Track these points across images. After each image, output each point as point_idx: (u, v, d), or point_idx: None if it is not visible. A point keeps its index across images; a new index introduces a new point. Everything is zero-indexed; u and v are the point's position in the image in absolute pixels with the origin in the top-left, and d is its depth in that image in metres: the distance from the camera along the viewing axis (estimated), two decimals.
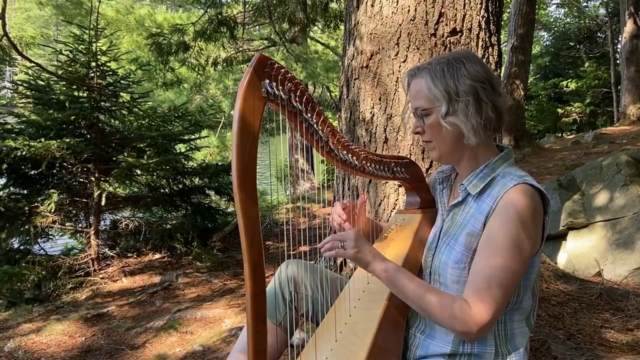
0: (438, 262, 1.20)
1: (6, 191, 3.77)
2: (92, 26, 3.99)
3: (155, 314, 2.81)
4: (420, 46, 2.09)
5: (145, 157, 3.84)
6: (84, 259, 3.78)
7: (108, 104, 4.11)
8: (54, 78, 4.04)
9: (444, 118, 1.13)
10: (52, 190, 3.65)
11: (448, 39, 2.09)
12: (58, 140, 3.50)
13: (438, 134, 1.18)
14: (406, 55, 2.11)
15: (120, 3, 13.17)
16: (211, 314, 2.67)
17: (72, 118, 3.76)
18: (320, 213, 5.93)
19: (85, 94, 3.94)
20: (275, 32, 7.76)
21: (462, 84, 1.11)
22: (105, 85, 4.04)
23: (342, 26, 3.62)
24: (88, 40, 3.96)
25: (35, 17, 24.50)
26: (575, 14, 18.04)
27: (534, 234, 1.07)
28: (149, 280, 3.64)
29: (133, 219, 4.35)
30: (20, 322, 2.75)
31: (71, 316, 2.78)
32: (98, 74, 3.97)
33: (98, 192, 3.72)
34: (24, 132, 3.73)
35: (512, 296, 1.13)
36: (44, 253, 4.05)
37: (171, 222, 4.49)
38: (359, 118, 2.26)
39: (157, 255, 4.25)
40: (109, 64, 4.11)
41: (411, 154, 2.10)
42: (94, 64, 3.96)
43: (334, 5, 7.27)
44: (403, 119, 1.31)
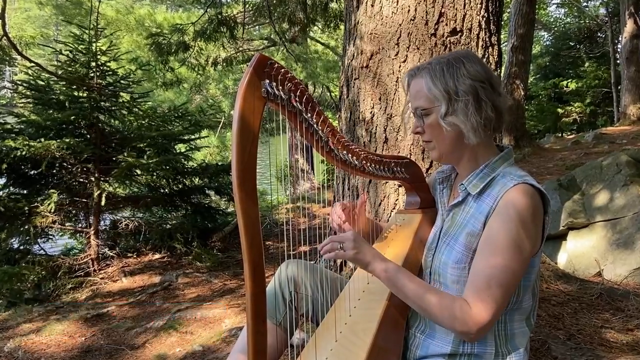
0: (438, 262, 1.20)
1: (6, 191, 3.77)
2: (92, 26, 3.99)
3: (155, 314, 2.81)
4: (421, 46, 2.09)
5: (145, 157, 3.84)
6: (83, 259, 3.78)
7: (108, 104, 4.11)
8: (53, 78, 4.04)
9: (443, 118, 1.13)
10: (52, 190, 3.65)
11: (448, 38, 2.09)
12: (58, 140, 3.50)
13: (438, 134, 1.18)
14: (406, 55, 2.11)
15: (120, 3, 13.18)
16: (211, 314, 2.67)
17: (72, 118, 3.77)
18: (320, 213, 5.93)
19: (85, 94, 3.94)
20: (275, 32, 7.76)
21: (462, 84, 1.11)
22: (105, 85, 4.04)
23: (342, 26, 3.62)
24: (88, 40, 3.96)
25: (35, 17, 24.50)
26: (576, 13, 18.04)
27: (534, 233, 1.07)
28: (149, 280, 3.64)
29: (133, 219, 4.35)
30: (20, 322, 2.75)
31: (71, 316, 2.78)
32: (98, 74, 3.97)
33: (98, 192, 3.72)
34: (23, 132, 3.73)
35: (512, 296, 1.13)
36: (44, 253, 4.05)
37: (171, 222, 4.49)
38: (359, 118, 2.26)
39: (157, 255, 4.25)
40: (108, 63, 4.11)
41: (411, 154, 2.09)
42: (93, 64, 3.96)
43: (334, 5, 7.26)
44: (403, 119, 1.31)
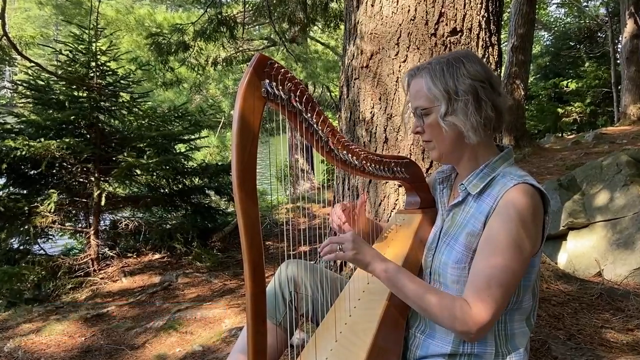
0: (438, 262, 1.20)
1: (6, 191, 3.77)
2: (92, 26, 3.98)
3: (155, 314, 2.81)
4: (421, 46, 2.08)
5: (145, 157, 3.84)
6: (83, 259, 3.78)
7: (108, 104, 4.11)
8: (53, 78, 4.04)
9: (443, 117, 1.13)
10: (52, 190, 3.65)
11: (448, 38, 2.09)
12: (58, 140, 3.50)
13: (438, 134, 1.18)
14: (406, 55, 2.10)
15: (120, 3, 13.18)
16: (211, 314, 2.67)
17: (72, 118, 3.76)
18: (320, 213, 5.93)
19: (85, 94, 3.94)
20: (275, 32, 7.75)
21: (462, 84, 1.11)
22: (105, 85, 4.04)
23: (342, 26, 3.62)
24: (88, 40, 3.96)
25: (35, 17, 24.51)
26: (576, 13, 18.04)
27: (534, 233, 1.07)
28: (149, 280, 3.64)
29: (133, 219, 4.35)
30: (20, 322, 2.75)
31: (71, 316, 2.77)
32: (98, 73, 3.97)
33: (98, 192, 3.72)
34: (23, 132, 3.73)
35: (513, 296, 1.12)
36: (44, 253, 4.05)
37: (171, 222, 4.49)
38: (359, 118, 2.26)
39: (157, 255, 4.25)
40: (108, 63, 4.11)
41: (411, 154, 2.09)
42: (93, 64, 3.96)
43: (334, 5, 7.26)
44: (403, 119, 1.31)
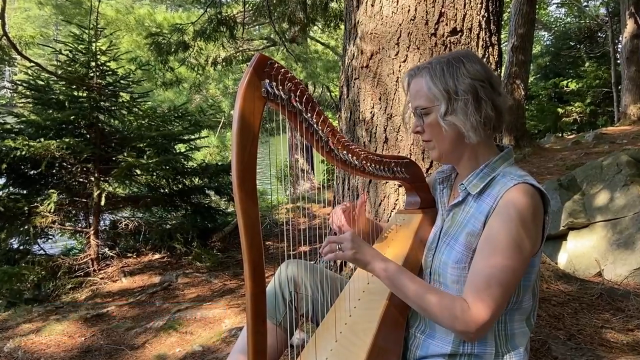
0: (438, 262, 1.20)
1: (6, 191, 3.77)
2: (92, 26, 3.98)
3: (155, 314, 2.81)
4: (421, 46, 2.08)
5: (145, 157, 3.84)
6: (83, 259, 3.78)
7: (108, 104, 4.11)
8: (53, 78, 4.04)
9: (443, 117, 1.13)
10: (52, 190, 3.65)
11: (448, 38, 2.09)
12: (57, 140, 3.50)
13: (438, 133, 1.18)
14: (406, 55, 2.10)
15: (120, 3, 13.17)
16: (211, 314, 2.67)
17: (72, 118, 3.76)
18: (320, 213, 5.93)
19: (84, 94, 3.94)
20: (275, 32, 7.75)
21: (462, 83, 1.11)
22: (105, 85, 4.04)
23: (342, 26, 3.62)
24: (88, 40, 3.96)
25: (35, 17, 24.51)
26: (576, 13, 18.04)
27: (534, 233, 1.07)
28: (149, 280, 3.64)
29: (133, 219, 4.35)
30: (20, 323, 2.75)
31: (71, 316, 2.77)
32: (98, 73, 3.97)
33: (98, 192, 3.72)
34: (23, 132, 3.73)
35: (512, 296, 1.12)
36: (44, 253, 4.05)
37: (171, 222, 4.49)
38: (359, 118, 2.26)
39: (157, 256, 4.25)
40: (108, 63, 4.11)
41: (411, 154, 2.09)
42: (93, 64, 3.96)
43: (334, 5, 7.26)
44: (403, 118, 1.31)
